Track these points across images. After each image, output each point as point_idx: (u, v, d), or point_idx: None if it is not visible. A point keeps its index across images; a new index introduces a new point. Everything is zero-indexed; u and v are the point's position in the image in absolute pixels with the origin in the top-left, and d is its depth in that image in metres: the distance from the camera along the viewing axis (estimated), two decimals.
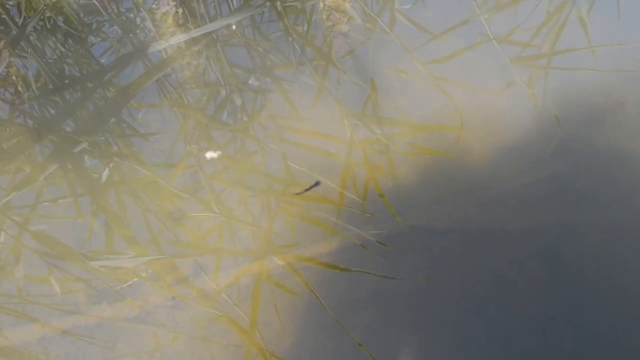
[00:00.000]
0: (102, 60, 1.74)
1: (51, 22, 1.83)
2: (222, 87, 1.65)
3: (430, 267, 1.27)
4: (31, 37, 1.79)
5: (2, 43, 1.67)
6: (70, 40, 1.79)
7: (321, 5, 1.82)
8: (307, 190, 1.38)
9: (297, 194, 1.38)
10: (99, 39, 1.80)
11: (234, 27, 1.77)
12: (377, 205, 1.38)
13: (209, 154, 1.38)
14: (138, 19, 1.83)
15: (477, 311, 1.21)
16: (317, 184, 1.39)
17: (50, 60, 1.74)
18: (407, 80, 1.62)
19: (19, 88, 1.67)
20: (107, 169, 1.46)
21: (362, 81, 1.62)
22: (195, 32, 1.75)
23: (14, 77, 1.70)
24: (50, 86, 1.66)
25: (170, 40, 1.74)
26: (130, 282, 1.27)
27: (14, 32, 1.77)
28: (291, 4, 1.84)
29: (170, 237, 1.35)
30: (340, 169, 1.44)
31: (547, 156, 1.43)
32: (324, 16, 1.79)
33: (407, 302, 1.23)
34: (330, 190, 1.41)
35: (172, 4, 1.83)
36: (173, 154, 1.50)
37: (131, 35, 1.79)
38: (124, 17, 1.85)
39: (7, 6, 1.81)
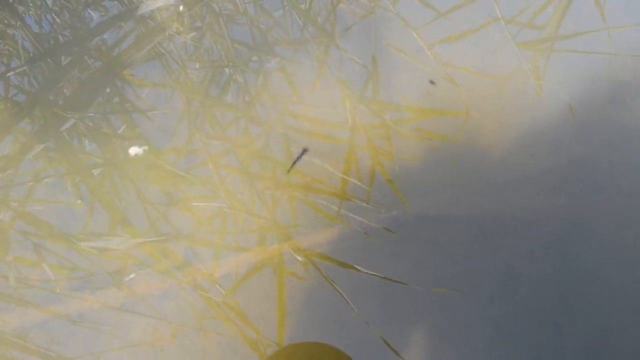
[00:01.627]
0: (91, 23, 1.66)
1: None
2: (224, 65, 1.57)
3: (436, 258, 1.21)
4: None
5: None
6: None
7: None
8: (296, 162, 1.30)
9: (288, 170, 1.29)
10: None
11: None
12: (381, 192, 1.31)
13: (133, 150, 1.30)
14: None
15: (485, 305, 1.16)
16: (304, 152, 1.31)
17: (37, 26, 1.66)
18: (414, 59, 1.53)
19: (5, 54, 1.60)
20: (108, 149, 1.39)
21: (365, 60, 1.54)
22: None
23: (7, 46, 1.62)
24: (35, 52, 1.59)
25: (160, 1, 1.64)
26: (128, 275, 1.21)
27: None
28: None
29: (165, 222, 1.29)
30: (343, 153, 1.37)
31: (566, 140, 1.36)
32: None
33: (412, 294, 1.17)
34: (332, 176, 1.34)
35: None
36: (170, 134, 1.44)
37: None
38: None
39: None
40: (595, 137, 1.36)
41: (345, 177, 1.33)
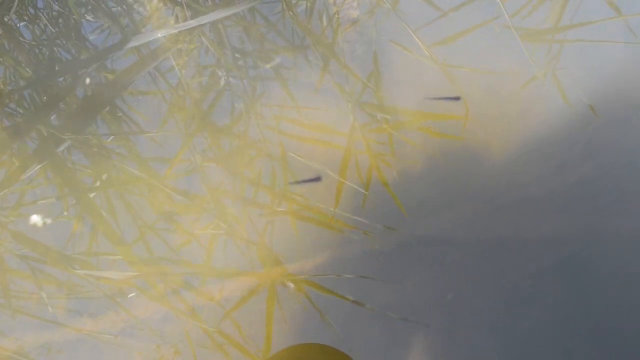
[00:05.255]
0: (90, 48, 1.64)
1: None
2: (221, 75, 1.54)
3: (441, 281, 1.19)
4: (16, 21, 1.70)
5: None
6: (58, 22, 1.70)
7: None
8: (302, 182, 1.26)
9: (290, 183, 1.25)
10: (91, 23, 1.70)
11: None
12: (381, 211, 1.28)
13: (34, 218, 1.27)
14: (135, 5, 1.73)
15: (492, 328, 1.13)
16: (317, 179, 1.27)
17: (33, 44, 1.65)
18: (414, 64, 1.50)
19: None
20: (104, 174, 1.38)
21: (365, 65, 1.51)
22: (192, 23, 1.64)
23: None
24: (31, 77, 1.57)
25: (163, 31, 1.63)
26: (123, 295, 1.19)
27: None
28: None
29: (163, 243, 1.27)
30: (338, 165, 1.35)
31: (573, 158, 1.33)
32: None
33: (415, 318, 1.15)
34: (331, 189, 1.31)
35: None
36: (167, 149, 1.42)
37: (122, 22, 1.69)
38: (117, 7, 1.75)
39: None
40: (603, 155, 1.33)
41: (334, 210, 1.31)
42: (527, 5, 1.60)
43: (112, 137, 1.45)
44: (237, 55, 1.57)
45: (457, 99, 1.23)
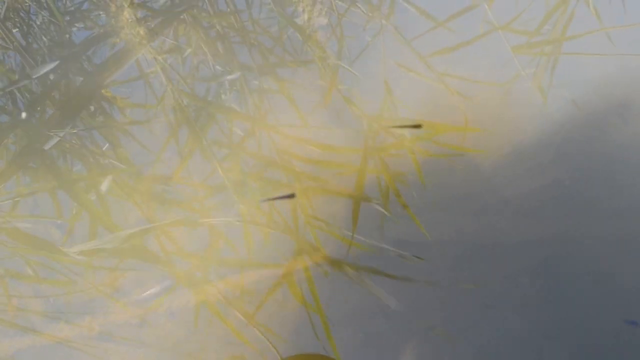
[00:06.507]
0: (75, 38, 1.64)
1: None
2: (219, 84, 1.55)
3: (416, 283, 1.20)
4: None
5: None
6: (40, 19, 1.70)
7: None
8: (276, 198, 1.30)
9: (264, 200, 1.29)
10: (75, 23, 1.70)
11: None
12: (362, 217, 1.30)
13: None
14: None
15: (467, 330, 1.14)
16: (290, 196, 1.32)
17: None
18: (402, 75, 1.53)
19: None
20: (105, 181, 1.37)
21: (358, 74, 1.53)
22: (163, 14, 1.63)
23: None
24: (20, 72, 1.57)
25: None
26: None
27: None
28: None
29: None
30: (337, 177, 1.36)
31: (547, 162, 1.36)
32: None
33: (391, 320, 1.16)
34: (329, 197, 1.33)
35: None
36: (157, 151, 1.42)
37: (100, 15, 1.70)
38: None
39: None
40: (579, 158, 1.36)
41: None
42: (519, 18, 1.64)
43: (99, 134, 1.45)
44: (244, 71, 1.57)
45: (418, 127, 1.30)
